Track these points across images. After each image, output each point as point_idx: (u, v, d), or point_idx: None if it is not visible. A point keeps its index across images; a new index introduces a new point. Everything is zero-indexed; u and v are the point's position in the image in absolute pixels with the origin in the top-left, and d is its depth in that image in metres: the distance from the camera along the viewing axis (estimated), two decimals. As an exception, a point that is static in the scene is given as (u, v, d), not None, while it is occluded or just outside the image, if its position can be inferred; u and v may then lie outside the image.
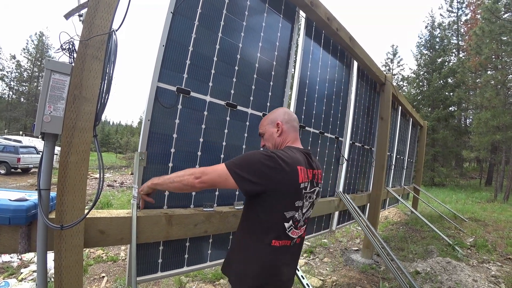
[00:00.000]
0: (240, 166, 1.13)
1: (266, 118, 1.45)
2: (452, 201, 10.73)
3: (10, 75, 40.33)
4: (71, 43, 1.28)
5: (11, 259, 3.53)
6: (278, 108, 1.48)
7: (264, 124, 1.43)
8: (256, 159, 1.13)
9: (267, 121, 1.42)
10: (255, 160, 1.13)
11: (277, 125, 1.37)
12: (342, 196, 3.38)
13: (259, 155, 1.14)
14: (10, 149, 13.48)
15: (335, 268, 3.89)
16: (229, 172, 1.13)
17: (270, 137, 1.39)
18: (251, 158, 1.14)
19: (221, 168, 1.15)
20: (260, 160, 1.12)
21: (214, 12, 1.85)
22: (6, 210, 1.17)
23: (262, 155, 1.14)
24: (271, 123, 1.40)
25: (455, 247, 4.65)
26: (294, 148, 1.30)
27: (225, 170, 1.14)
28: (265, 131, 1.41)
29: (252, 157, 1.14)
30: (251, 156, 1.15)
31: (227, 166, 1.14)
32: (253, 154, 1.16)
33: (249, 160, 1.14)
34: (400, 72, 29.75)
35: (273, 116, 1.41)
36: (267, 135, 1.40)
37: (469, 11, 23.78)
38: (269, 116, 1.44)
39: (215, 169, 1.16)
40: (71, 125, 1.20)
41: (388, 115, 4.31)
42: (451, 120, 20.46)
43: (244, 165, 1.13)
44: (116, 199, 8.38)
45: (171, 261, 1.78)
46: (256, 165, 1.12)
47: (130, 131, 60.69)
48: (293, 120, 1.41)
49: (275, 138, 1.37)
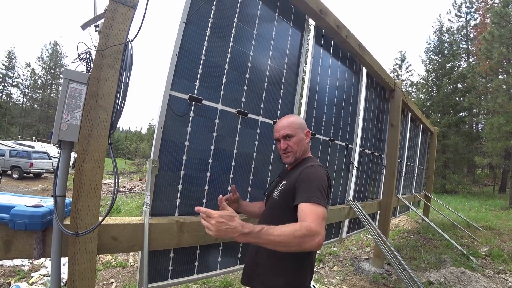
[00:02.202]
0: (325, 195, 1.18)
1: (295, 120, 1.45)
2: (464, 209, 10.44)
3: (24, 83, 41.65)
4: (88, 53, 1.32)
5: (22, 263, 3.58)
6: (294, 115, 1.55)
7: (295, 127, 1.42)
8: (324, 180, 1.22)
9: (297, 124, 1.43)
10: (325, 183, 1.21)
11: (307, 134, 1.44)
12: (352, 203, 3.33)
13: (325, 176, 1.24)
14: (23, 154, 13.82)
15: (345, 277, 3.81)
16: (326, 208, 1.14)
17: (300, 142, 1.41)
18: (323, 182, 1.20)
19: (322, 211, 1.11)
20: (326, 181, 1.23)
21: (225, 22, 1.87)
22: (22, 216, 1.19)
23: (325, 175, 1.25)
24: (301, 128, 1.43)
25: (470, 256, 4.52)
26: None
27: (324, 211, 1.12)
28: (296, 135, 1.40)
29: (322, 181, 1.21)
30: (322, 181, 1.21)
31: (322, 205, 1.13)
32: (322, 178, 1.22)
33: (323, 184, 1.20)
34: (408, 77, 29.48)
35: (301, 121, 1.46)
36: (297, 139, 1.40)
37: (478, 15, 23.50)
38: (295, 118, 1.46)
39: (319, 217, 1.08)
40: (87, 133, 1.23)
41: (398, 122, 4.27)
42: (462, 126, 20.11)
43: (325, 192, 1.19)
44: (125, 204, 8.46)
45: (181, 269, 1.77)
46: (326, 185, 1.21)
47: (139, 138, 61.58)
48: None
49: (305, 145, 1.42)
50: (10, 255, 1.23)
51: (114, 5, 1.29)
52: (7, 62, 39.87)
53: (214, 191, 1.88)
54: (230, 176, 1.97)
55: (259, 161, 2.16)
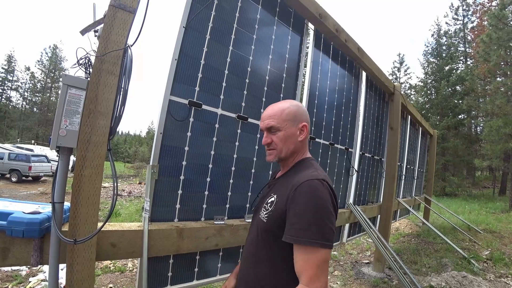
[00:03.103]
0: (327, 228, 0.86)
1: (283, 107, 1.04)
2: (465, 212, 10.42)
3: (24, 86, 41.69)
4: (87, 58, 1.31)
5: (20, 268, 3.54)
6: (293, 100, 1.10)
7: (283, 118, 1.03)
8: (325, 206, 0.87)
9: (287, 115, 1.03)
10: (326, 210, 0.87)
11: (302, 128, 1.05)
12: (353, 208, 3.32)
13: (326, 197, 0.88)
14: (22, 158, 13.78)
15: (345, 282, 3.79)
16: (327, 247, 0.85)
17: (289, 139, 1.03)
18: (323, 209, 0.87)
19: (320, 257, 0.84)
20: (327, 205, 0.88)
21: (225, 26, 1.87)
22: (20, 223, 1.17)
23: (327, 194, 0.89)
24: (293, 121, 1.03)
25: (471, 260, 4.50)
26: (315, 161, 1.08)
27: (323, 255, 0.84)
28: (283, 128, 1.02)
29: (323, 207, 0.87)
30: (322, 207, 0.87)
31: (320, 246, 0.84)
32: (321, 203, 0.87)
33: (323, 212, 0.87)
34: (407, 80, 29.60)
35: (294, 110, 1.04)
36: (284, 134, 1.03)
37: (475, 18, 23.69)
38: (287, 105, 1.05)
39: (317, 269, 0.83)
40: (86, 139, 1.22)
41: (397, 125, 4.27)
42: (461, 128, 20.14)
43: (327, 222, 0.86)
44: (124, 208, 8.41)
45: (181, 275, 1.75)
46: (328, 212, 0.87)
47: (138, 141, 61.52)
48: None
49: (296, 143, 1.04)
50: (7, 262, 1.22)
51: (113, 10, 1.29)
52: (7, 66, 39.98)
53: (214, 196, 1.86)
54: (230, 181, 1.96)
55: (259, 166, 2.15)
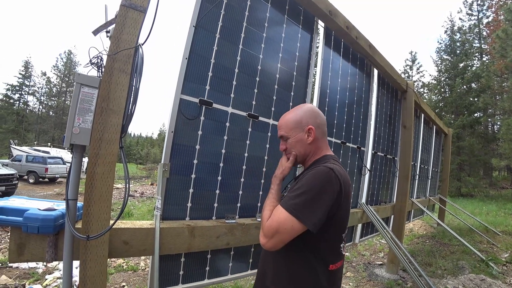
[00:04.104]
0: (305, 211, 0.94)
1: (288, 118, 1.17)
2: (482, 213, 10.08)
3: (40, 91, 43.07)
4: (99, 57, 1.33)
5: (37, 265, 3.64)
6: (303, 105, 1.21)
7: (290, 127, 1.16)
8: (317, 185, 0.96)
9: (293, 123, 1.15)
10: (316, 189, 0.96)
11: (309, 131, 1.14)
12: (365, 207, 3.26)
13: (323, 178, 0.97)
14: (39, 160, 14.27)
15: (358, 283, 3.71)
16: (296, 217, 0.94)
17: (299, 144, 1.15)
18: (314, 188, 0.96)
19: (282, 218, 0.95)
20: (322, 185, 0.96)
21: (235, 25, 1.87)
22: (35, 219, 1.20)
23: (325, 176, 0.97)
24: (299, 127, 1.15)
25: (489, 263, 4.33)
26: (335, 159, 1.15)
27: (285, 219, 0.94)
28: (290, 136, 1.16)
29: (314, 186, 0.96)
30: (313, 186, 0.96)
31: (290, 212, 0.94)
32: (315, 182, 0.97)
33: (313, 189, 0.96)
34: (420, 78, 28.95)
35: (299, 118, 1.15)
36: (294, 141, 1.15)
37: (490, 13, 22.91)
38: (292, 115, 1.17)
39: (272, 223, 0.97)
40: (99, 137, 1.23)
41: (411, 123, 4.16)
42: (477, 127, 19.50)
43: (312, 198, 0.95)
44: (136, 208, 8.54)
45: (192, 273, 1.75)
46: (317, 191, 0.96)
47: (150, 143, 62.56)
48: (324, 124, 1.20)
49: (305, 146, 1.15)
50: (23, 258, 1.24)
51: (124, 10, 1.31)
52: (24, 71, 41.34)
53: (225, 195, 1.86)
54: (241, 180, 1.95)
55: (271, 165, 2.13)
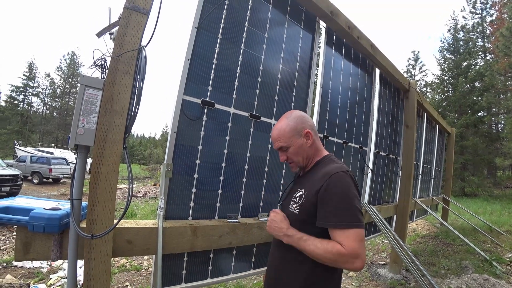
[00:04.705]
0: (357, 212, 1.02)
1: (283, 128, 1.21)
2: (486, 213, 10.01)
3: (44, 92, 43.38)
4: (103, 59, 1.35)
5: (41, 265, 3.68)
6: (292, 112, 1.26)
7: (288, 136, 1.19)
8: (352, 193, 1.04)
9: (290, 131, 1.20)
10: (354, 196, 1.04)
11: (306, 135, 1.20)
12: (368, 207, 3.25)
13: (351, 186, 1.05)
14: (43, 160, 14.38)
15: (361, 283, 3.71)
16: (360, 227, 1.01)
17: (300, 149, 1.20)
18: (351, 197, 1.03)
19: (355, 233, 0.99)
20: (354, 191, 1.05)
21: (237, 26, 1.88)
22: (41, 219, 1.22)
23: (351, 183, 1.06)
24: (297, 134, 1.19)
25: (493, 262, 4.30)
26: (334, 157, 1.23)
27: (358, 232, 1.00)
28: (291, 144, 1.20)
29: (351, 196, 1.04)
30: (350, 196, 1.03)
31: (355, 226, 1.00)
32: (348, 191, 1.04)
33: (352, 199, 1.03)
34: (422, 78, 28.80)
35: (294, 125, 1.20)
36: (295, 149, 1.20)
37: (494, 11, 22.75)
38: (285, 125, 1.21)
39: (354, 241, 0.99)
40: (103, 138, 1.25)
41: (413, 123, 4.15)
42: (480, 126, 19.34)
43: (356, 207, 1.03)
44: (140, 209, 8.58)
45: (195, 273, 1.77)
46: (355, 198, 1.04)
47: (153, 143, 62.79)
48: (314, 124, 1.27)
49: (307, 150, 1.20)
50: (29, 256, 1.27)
51: (128, 13, 1.32)
52: (28, 73, 41.62)
53: (227, 195, 1.87)
54: (243, 180, 1.97)
55: (273, 165, 2.14)
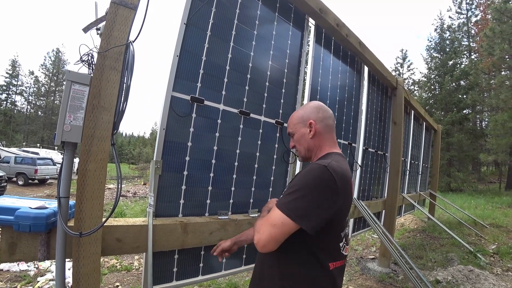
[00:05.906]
0: (300, 210, 0.92)
1: (295, 114, 1.21)
2: (471, 207, 10.33)
3: (28, 90, 42.13)
4: (90, 55, 1.32)
5: (28, 268, 3.59)
6: (310, 102, 1.23)
7: (294, 123, 1.19)
8: (310, 185, 0.94)
9: (296, 118, 1.18)
10: (308, 188, 0.93)
11: (310, 125, 1.14)
12: (357, 203, 3.31)
13: (316, 177, 0.94)
14: (28, 161, 13.96)
15: (351, 277, 3.78)
16: (286, 215, 0.92)
17: (302, 138, 1.16)
18: (306, 188, 0.93)
19: (275, 216, 0.94)
20: (315, 184, 0.93)
21: (226, 23, 1.88)
22: (26, 218, 1.19)
23: (323, 186, 0.93)
24: (302, 122, 1.16)
25: (477, 254, 4.46)
26: (340, 155, 1.11)
27: (277, 217, 0.93)
28: (295, 131, 1.18)
29: (306, 186, 0.94)
30: (306, 186, 0.94)
31: (282, 211, 0.93)
32: (307, 181, 0.94)
33: (305, 189, 0.93)
34: (410, 76, 29.40)
35: (303, 112, 1.17)
36: (298, 136, 1.17)
37: (479, 12, 23.40)
38: (299, 112, 1.20)
39: (267, 221, 0.96)
40: (90, 134, 1.23)
41: (401, 120, 4.24)
42: (466, 123, 19.91)
43: (304, 198, 0.93)
44: (129, 209, 8.47)
45: (186, 270, 1.77)
46: (309, 191, 0.93)
47: (142, 142, 61.86)
48: (328, 118, 1.16)
49: (308, 140, 1.14)
50: (15, 257, 1.24)
51: (115, 7, 1.30)
52: (11, 70, 40.37)
53: (217, 192, 1.87)
54: (233, 177, 1.97)
55: (263, 161, 2.16)
